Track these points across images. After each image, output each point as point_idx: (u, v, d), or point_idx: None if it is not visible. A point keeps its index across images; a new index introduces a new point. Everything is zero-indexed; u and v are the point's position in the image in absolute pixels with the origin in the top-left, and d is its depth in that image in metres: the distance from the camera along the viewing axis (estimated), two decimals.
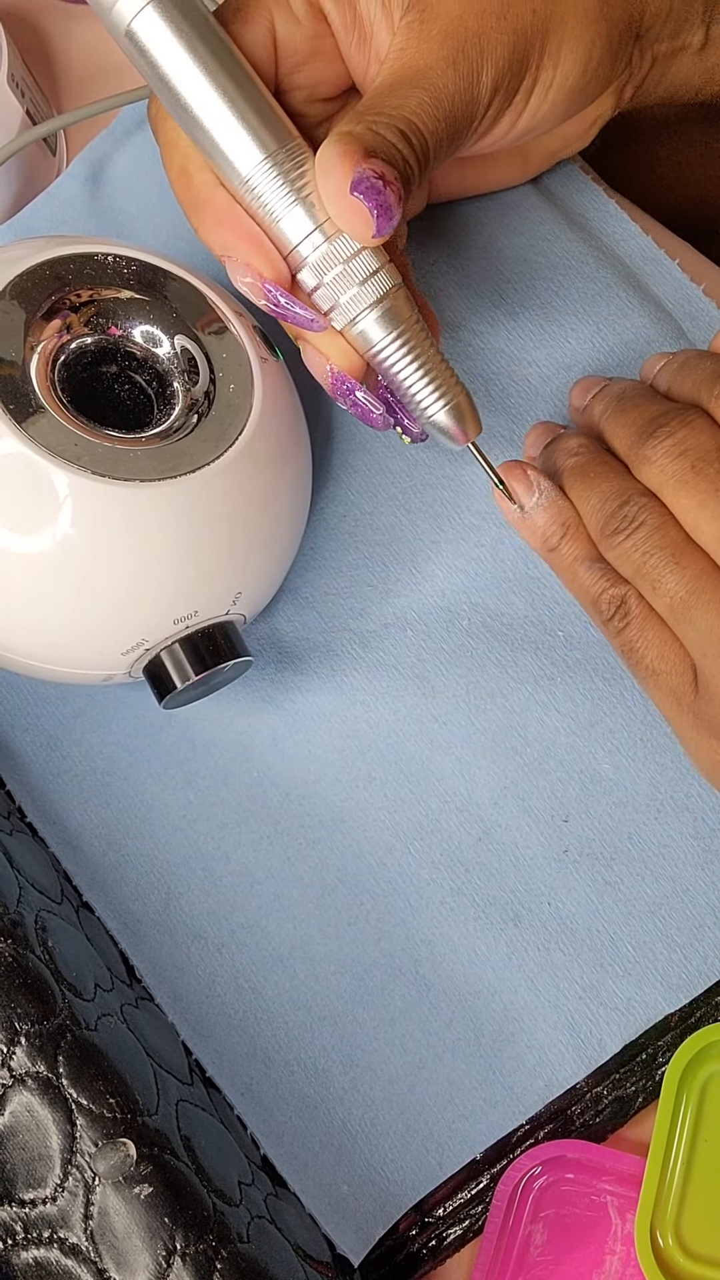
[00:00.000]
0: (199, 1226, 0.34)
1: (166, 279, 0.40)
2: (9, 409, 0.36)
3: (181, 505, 0.37)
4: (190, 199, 0.37)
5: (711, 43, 0.43)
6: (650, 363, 0.40)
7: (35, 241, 0.40)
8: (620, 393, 0.39)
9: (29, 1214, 0.34)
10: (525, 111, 0.39)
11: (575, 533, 0.38)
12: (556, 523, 0.38)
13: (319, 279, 0.37)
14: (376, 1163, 0.41)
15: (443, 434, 0.38)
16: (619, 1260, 0.40)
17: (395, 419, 0.39)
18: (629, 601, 0.37)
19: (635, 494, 0.36)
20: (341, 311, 0.37)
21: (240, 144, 0.36)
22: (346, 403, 0.38)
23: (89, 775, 0.45)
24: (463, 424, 0.38)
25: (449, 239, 0.47)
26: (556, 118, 0.40)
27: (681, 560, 0.36)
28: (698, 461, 0.35)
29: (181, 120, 0.36)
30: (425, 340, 0.38)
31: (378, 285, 0.37)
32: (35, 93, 0.52)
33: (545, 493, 0.38)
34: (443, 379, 0.38)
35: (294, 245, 0.36)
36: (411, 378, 0.37)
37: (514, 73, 0.37)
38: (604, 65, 0.40)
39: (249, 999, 0.42)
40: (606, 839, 0.42)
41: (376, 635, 0.44)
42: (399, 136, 0.35)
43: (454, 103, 0.36)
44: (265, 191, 0.36)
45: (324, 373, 0.38)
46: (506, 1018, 0.41)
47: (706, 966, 0.41)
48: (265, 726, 0.44)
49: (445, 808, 0.43)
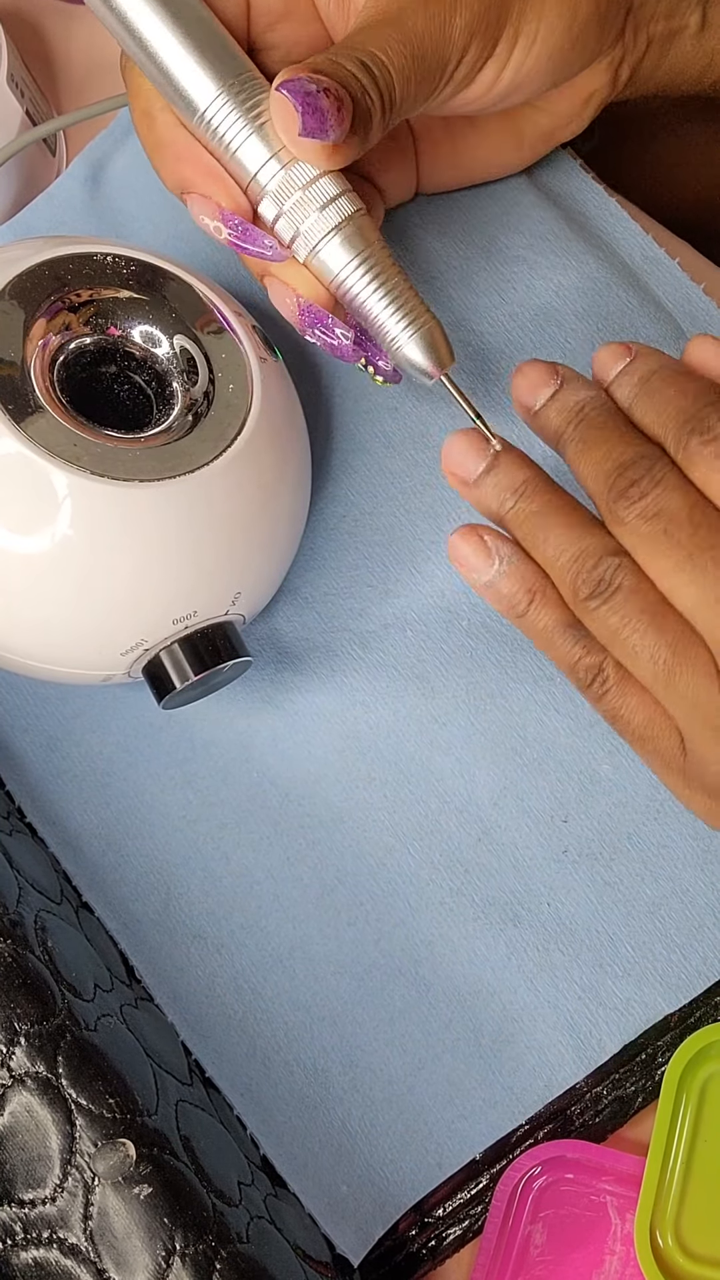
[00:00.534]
0: (198, 1227, 0.34)
1: (166, 279, 0.40)
2: (8, 409, 0.36)
3: (181, 505, 0.37)
4: (152, 139, 0.38)
5: (710, 26, 0.43)
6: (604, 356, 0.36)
7: (35, 242, 0.40)
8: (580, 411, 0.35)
9: (28, 1214, 0.34)
10: (509, 65, 0.38)
11: (543, 598, 0.36)
12: (522, 590, 0.36)
13: (278, 207, 0.36)
14: (376, 1163, 0.41)
15: (414, 368, 0.37)
16: (619, 1260, 0.40)
17: (365, 353, 0.38)
18: (606, 669, 0.35)
19: (607, 554, 0.34)
20: (303, 240, 0.36)
21: (194, 78, 0.36)
22: (314, 334, 0.37)
23: (89, 775, 0.44)
24: (434, 354, 0.37)
25: (449, 238, 0.47)
26: (544, 76, 0.40)
27: (659, 625, 0.34)
28: (670, 525, 0.33)
29: (140, 62, 0.37)
30: (391, 267, 0.37)
31: (338, 210, 0.36)
32: (35, 93, 0.52)
33: (507, 559, 0.36)
34: (411, 306, 0.37)
35: (252, 174, 0.36)
36: (377, 306, 0.36)
37: (491, 19, 0.37)
38: (591, 26, 0.39)
39: (249, 999, 0.42)
40: (606, 839, 0.42)
41: (376, 635, 0.44)
42: (358, 66, 0.35)
43: (423, 41, 0.36)
44: (221, 124, 0.36)
45: (291, 306, 0.37)
46: (506, 1018, 0.41)
47: (706, 967, 0.41)
48: (265, 727, 0.44)
49: (445, 808, 0.43)
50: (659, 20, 0.42)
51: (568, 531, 0.35)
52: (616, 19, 0.41)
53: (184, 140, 0.37)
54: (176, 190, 0.38)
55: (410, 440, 0.46)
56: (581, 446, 0.35)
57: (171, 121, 0.37)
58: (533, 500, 0.35)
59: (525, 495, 0.35)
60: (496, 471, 0.36)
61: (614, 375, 0.36)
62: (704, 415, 0.33)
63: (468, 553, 0.36)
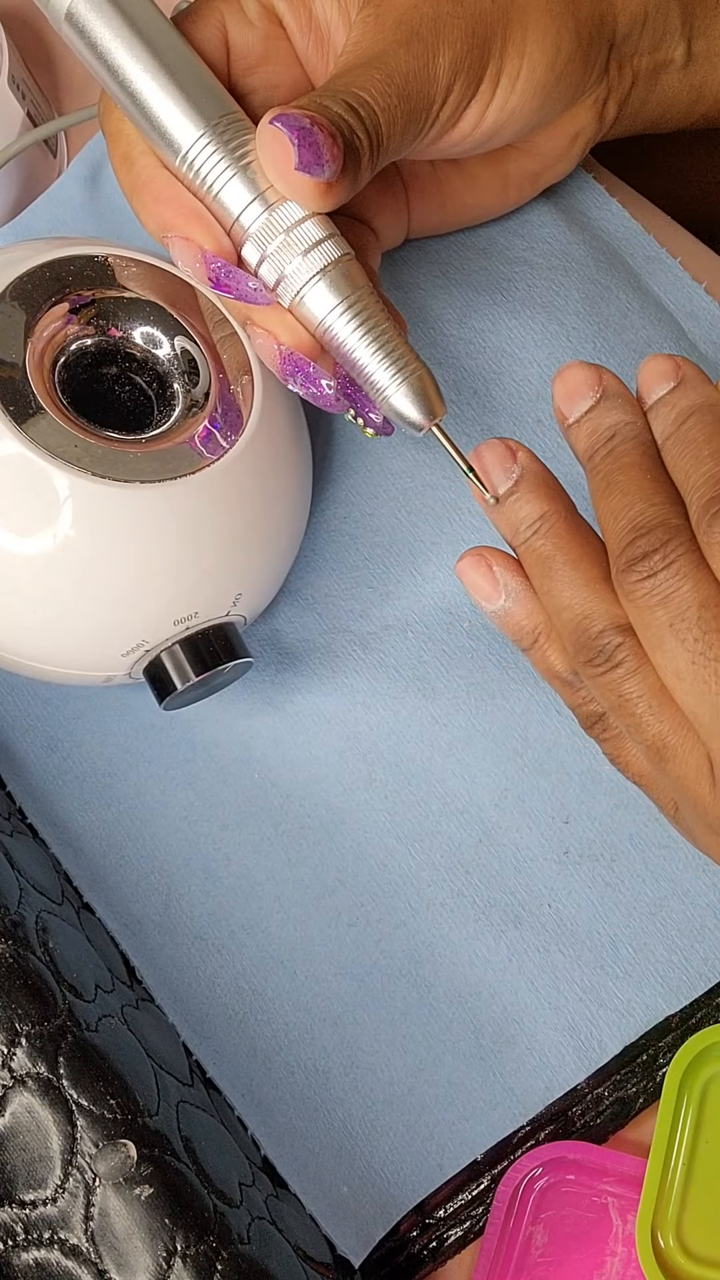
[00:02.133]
0: (199, 1227, 0.34)
1: (167, 280, 0.40)
2: (9, 410, 0.36)
3: (182, 506, 0.37)
4: (131, 183, 0.37)
5: (695, 59, 0.43)
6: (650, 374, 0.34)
7: (36, 243, 0.40)
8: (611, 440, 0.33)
9: (29, 1215, 0.34)
10: (493, 103, 0.38)
11: (547, 639, 0.34)
12: (528, 626, 0.35)
13: (262, 250, 0.35)
14: (377, 1164, 0.41)
15: (402, 419, 0.36)
16: (620, 1261, 0.40)
17: (353, 403, 0.37)
18: (609, 720, 0.34)
19: (610, 626, 0.32)
20: (287, 284, 0.35)
21: (177, 118, 0.35)
22: (296, 382, 0.36)
23: (90, 776, 0.45)
24: (423, 404, 0.35)
25: (449, 239, 0.47)
26: (529, 114, 0.39)
27: (657, 709, 0.32)
28: (676, 620, 0.31)
29: (121, 101, 0.36)
30: (380, 313, 0.35)
31: (323, 254, 0.35)
32: (36, 94, 0.52)
33: (512, 594, 0.34)
34: (400, 354, 0.35)
35: (235, 216, 0.35)
36: (364, 353, 0.35)
37: (474, 58, 0.37)
38: (574, 63, 0.39)
39: (249, 1000, 0.42)
40: (607, 840, 0.42)
41: (377, 637, 0.44)
42: (345, 108, 0.34)
43: (408, 81, 0.35)
44: (204, 164, 0.35)
45: (272, 354, 0.36)
46: (507, 1019, 0.41)
47: (707, 968, 0.41)
48: (266, 728, 0.44)
49: (446, 809, 0.43)
50: (643, 55, 0.42)
51: (575, 589, 0.33)
52: (600, 55, 0.40)
53: (164, 181, 0.36)
54: (158, 234, 0.37)
55: (412, 441, 0.46)
56: (605, 486, 0.33)
57: (152, 164, 0.37)
58: (546, 539, 0.34)
59: (540, 532, 0.34)
60: (517, 497, 0.34)
61: (655, 400, 0.34)
62: None
63: (475, 580, 0.35)
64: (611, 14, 0.40)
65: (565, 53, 0.39)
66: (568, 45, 0.39)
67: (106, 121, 0.38)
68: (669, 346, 0.46)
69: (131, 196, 0.37)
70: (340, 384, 0.37)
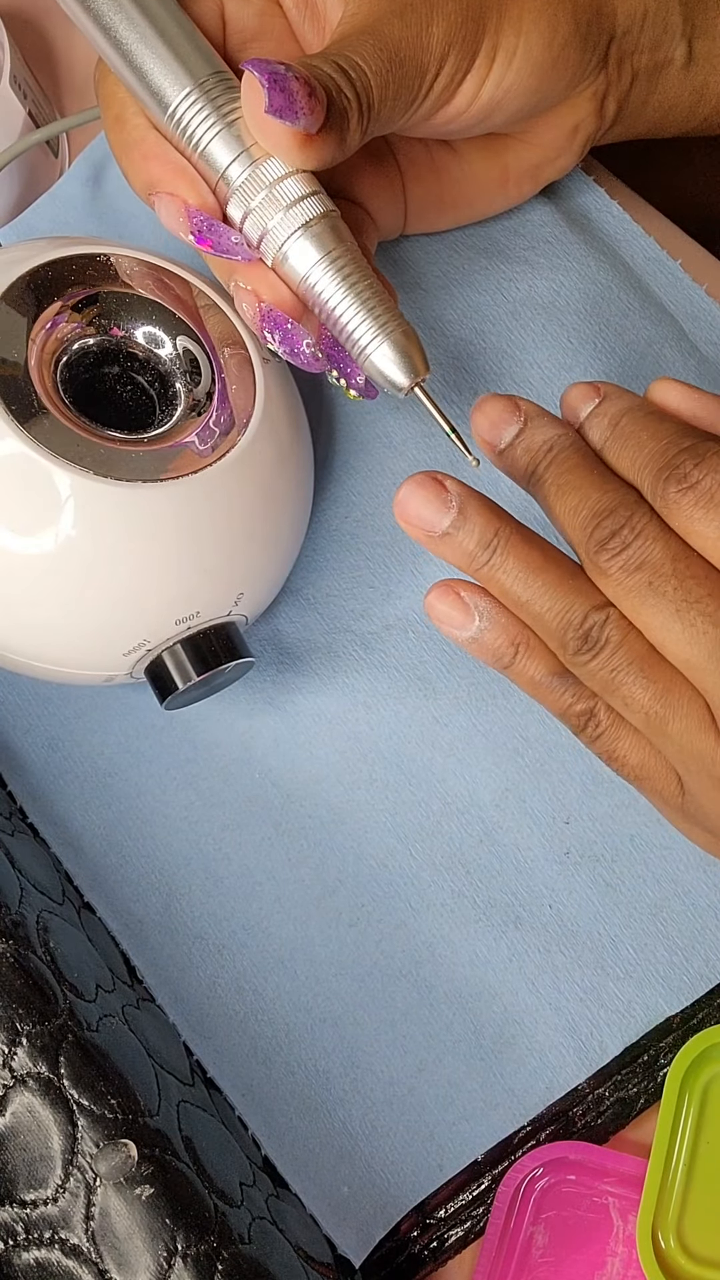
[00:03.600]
0: (200, 1227, 0.34)
1: (169, 280, 0.40)
2: (11, 409, 0.36)
3: (183, 506, 0.37)
4: (122, 142, 0.37)
5: (696, 60, 0.43)
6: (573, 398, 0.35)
7: (38, 243, 0.40)
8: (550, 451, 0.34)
9: (30, 1215, 0.34)
10: (489, 80, 0.38)
11: (528, 649, 0.35)
12: (506, 643, 0.35)
13: (245, 206, 0.35)
14: (377, 1164, 0.41)
15: (384, 379, 0.35)
16: (620, 1262, 0.40)
17: (336, 364, 0.37)
18: (599, 714, 0.35)
19: (593, 609, 0.33)
20: (269, 240, 0.35)
21: (165, 75, 0.36)
22: (275, 340, 0.36)
23: (90, 776, 0.45)
24: (406, 363, 0.35)
25: (449, 239, 0.47)
26: (525, 94, 0.39)
27: (649, 674, 0.33)
28: (654, 579, 0.32)
29: (111, 60, 0.36)
30: (362, 271, 0.35)
31: (307, 208, 0.35)
32: (38, 94, 0.52)
33: (485, 614, 0.35)
34: (383, 312, 0.35)
35: (221, 170, 0.35)
36: (346, 311, 0.35)
37: (468, 31, 0.37)
38: (572, 45, 0.39)
39: (250, 1000, 0.42)
40: (608, 841, 0.42)
41: (378, 637, 0.44)
42: (334, 68, 0.34)
43: (399, 48, 0.35)
44: (191, 120, 0.35)
45: (251, 310, 0.36)
46: (507, 1020, 0.41)
47: (708, 969, 0.41)
48: (267, 728, 0.44)
49: (447, 809, 0.43)
50: (643, 52, 0.42)
51: (548, 590, 0.34)
52: (599, 43, 0.40)
53: (154, 140, 0.37)
54: (144, 192, 0.37)
55: (413, 441, 0.46)
56: (556, 490, 0.34)
57: (142, 124, 0.37)
58: (506, 556, 0.34)
59: (498, 551, 0.34)
60: (464, 527, 0.34)
61: (584, 416, 0.35)
62: (679, 461, 0.32)
63: (446, 611, 0.35)
64: (610, 5, 0.40)
65: (563, 34, 0.39)
66: (565, 27, 0.39)
67: (101, 85, 0.38)
68: (670, 348, 0.46)
69: (121, 156, 0.38)
70: (324, 345, 0.36)
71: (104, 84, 0.38)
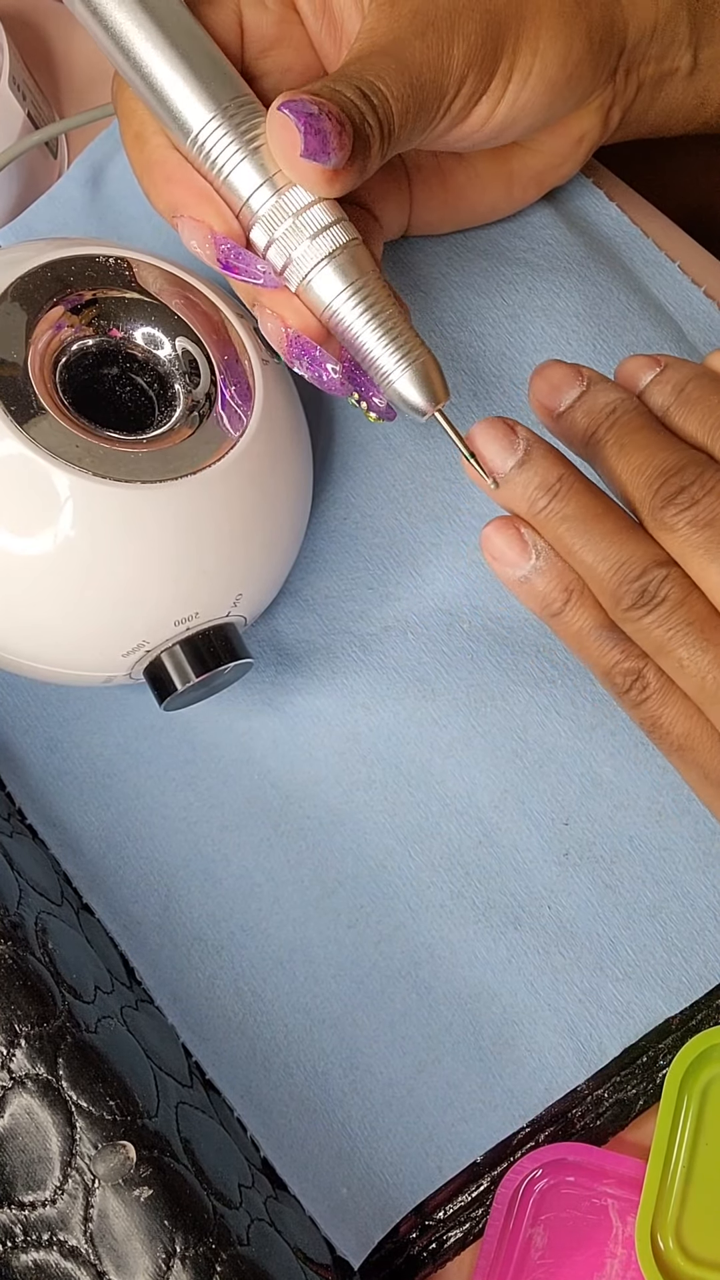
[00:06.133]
0: (199, 1229, 0.34)
1: (168, 281, 0.40)
2: (10, 410, 0.36)
3: (182, 507, 0.37)
4: (143, 162, 0.37)
5: (700, 68, 0.43)
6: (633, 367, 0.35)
7: (37, 244, 0.40)
8: (613, 413, 0.34)
9: (28, 1216, 0.34)
10: (505, 99, 0.38)
11: (580, 598, 0.34)
12: (558, 588, 0.34)
13: (270, 234, 0.35)
14: (376, 1165, 0.41)
15: (406, 404, 0.36)
16: (620, 1263, 0.40)
17: (357, 387, 0.37)
18: (647, 675, 0.33)
19: (653, 563, 0.32)
20: (294, 268, 0.35)
21: (188, 101, 0.35)
22: (302, 365, 0.36)
23: (89, 777, 0.44)
24: (427, 389, 0.35)
25: (449, 240, 0.47)
26: (539, 111, 0.39)
27: (711, 636, 0.32)
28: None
29: (133, 83, 0.36)
30: (386, 298, 0.36)
31: (331, 238, 0.35)
32: (37, 95, 0.52)
33: (543, 554, 0.34)
34: (405, 339, 0.35)
35: (245, 198, 0.35)
36: (369, 338, 0.35)
37: (487, 52, 0.37)
38: (585, 64, 0.39)
39: (249, 1001, 0.42)
40: (607, 842, 0.42)
41: (377, 638, 0.44)
42: (357, 94, 0.34)
43: (421, 71, 0.35)
44: (215, 147, 0.35)
45: (279, 336, 0.36)
46: (506, 1021, 0.41)
47: (707, 970, 0.41)
48: (265, 729, 0.44)
49: (445, 811, 0.43)
50: (650, 63, 0.42)
51: (608, 538, 0.33)
52: (610, 58, 0.40)
53: (175, 161, 0.36)
54: (167, 213, 0.37)
55: (412, 442, 0.46)
56: (619, 450, 0.33)
57: (164, 144, 0.37)
58: (568, 501, 0.33)
59: (560, 495, 0.33)
60: (528, 467, 0.34)
61: (646, 383, 0.35)
62: None
63: (502, 545, 0.34)
64: (622, 20, 0.40)
65: (577, 53, 0.39)
66: (579, 45, 0.39)
67: (120, 100, 0.38)
68: (669, 349, 0.46)
69: (142, 175, 0.37)
70: (345, 368, 0.37)
71: (122, 97, 0.38)
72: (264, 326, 0.37)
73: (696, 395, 0.34)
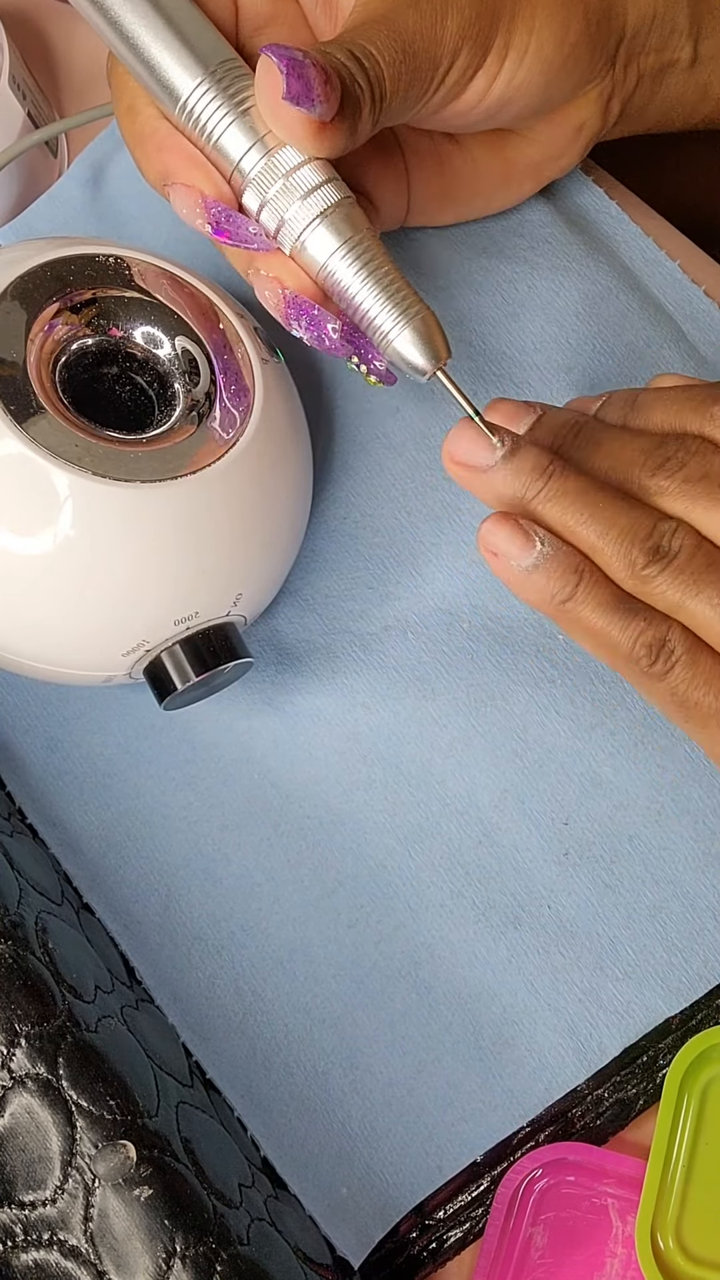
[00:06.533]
0: (199, 1229, 0.34)
1: (167, 280, 0.40)
2: (10, 409, 0.36)
3: (182, 506, 0.37)
4: (135, 134, 0.37)
5: (701, 60, 0.43)
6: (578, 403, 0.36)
7: (36, 243, 0.40)
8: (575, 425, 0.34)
9: (29, 1216, 0.34)
10: (500, 76, 0.38)
11: (591, 577, 0.33)
12: (569, 570, 0.33)
13: (262, 196, 0.35)
14: (376, 1165, 0.41)
15: (407, 364, 0.35)
16: (620, 1263, 0.40)
17: (356, 350, 0.37)
18: (672, 640, 0.33)
19: (661, 519, 0.32)
20: (288, 230, 0.35)
21: (175, 66, 0.35)
22: (301, 326, 0.36)
23: (89, 777, 0.44)
24: (429, 348, 0.35)
25: (448, 238, 0.47)
26: (534, 92, 0.39)
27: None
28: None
29: (120, 52, 0.36)
30: (382, 256, 0.35)
31: (324, 196, 0.35)
32: (37, 95, 0.52)
33: (548, 540, 0.33)
34: (404, 297, 0.35)
35: (235, 162, 0.35)
36: (367, 297, 0.35)
37: (482, 26, 0.37)
38: (582, 47, 0.39)
39: (249, 1001, 0.42)
40: (607, 842, 0.42)
41: (377, 637, 0.44)
42: (348, 55, 0.34)
43: (413, 39, 0.35)
44: (203, 111, 0.35)
45: (275, 298, 0.36)
46: (506, 1020, 0.41)
47: (707, 970, 0.41)
48: (265, 728, 0.44)
49: (445, 810, 0.43)
50: (650, 53, 0.42)
51: (611, 506, 0.33)
52: (608, 43, 0.40)
53: (167, 131, 0.37)
54: (159, 183, 0.37)
55: (412, 442, 0.46)
56: (594, 447, 0.33)
57: (155, 115, 0.37)
58: (565, 479, 0.33)
59: (556, 475, 0.33)
60: (518, 455, 0.34)
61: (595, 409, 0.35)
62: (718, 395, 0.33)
63: (504, 539, 0.34)
64: (621, 6, 0.40)
65: (574, 34, 0.39)
66: (576, 27, 0.39)
67: (112, 75, 0.38)
68: (668, 348, 0.46)
69: (134, 148, 0.37)
70: (344, 330, 0.36)
71: (115, 73, 0.38)
72: (260, 294, 0.37)
73: (650, 399, 0.34)
